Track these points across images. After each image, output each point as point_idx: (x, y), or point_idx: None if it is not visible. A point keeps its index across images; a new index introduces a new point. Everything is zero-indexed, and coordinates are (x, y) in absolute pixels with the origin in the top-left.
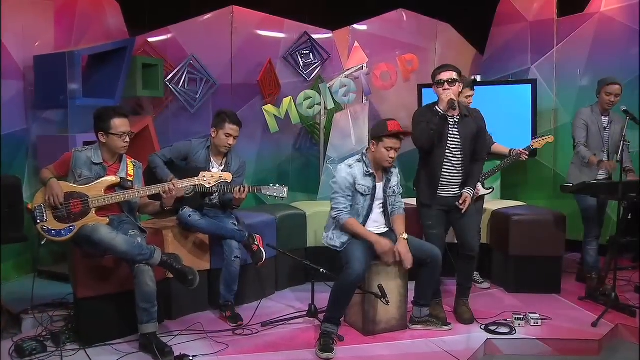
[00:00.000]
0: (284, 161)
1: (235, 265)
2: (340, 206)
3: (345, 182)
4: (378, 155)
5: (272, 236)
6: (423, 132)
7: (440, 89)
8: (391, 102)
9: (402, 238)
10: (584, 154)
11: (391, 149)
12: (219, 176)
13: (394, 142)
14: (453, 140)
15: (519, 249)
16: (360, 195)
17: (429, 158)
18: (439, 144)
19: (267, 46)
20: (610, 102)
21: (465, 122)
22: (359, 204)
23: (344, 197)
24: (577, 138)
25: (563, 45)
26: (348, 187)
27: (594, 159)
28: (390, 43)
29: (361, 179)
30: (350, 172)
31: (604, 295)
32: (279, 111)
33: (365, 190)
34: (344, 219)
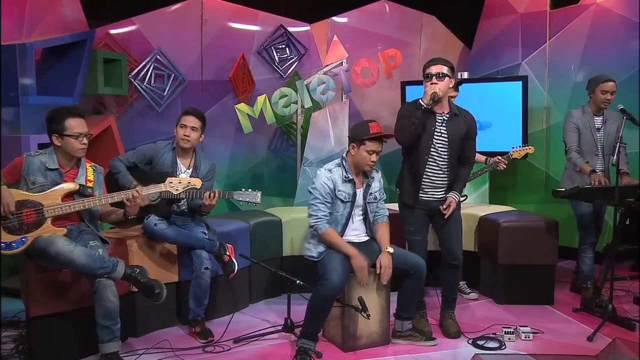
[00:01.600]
0: (259, 164)
1: (205, 277)
2: (319, 214)
3: (325, 188)
4: (358, 159)
5: (246, 245)
6: (405, 127)
7: (428, 83)
8: (373, 101)
9: (386, 252)
10: (575, 161)
11: (373, 153)
12: (187, 182)
13: (376, 145)
14: (440, 139)
15: (508, 257)
16: (340, 202)
17: (413, 154)
18: (424, 141)
19: (240, 40)
20: (606, 101)
21: (455, 121)
22: (338, 212)
23: (323, 204)
24: (568, 143)
25: (556, 39)
26: (328, 193)
27: (587, 167)
28: (372, 37)
29: (341, 184)
30: (330, 177)
31: (600, 306)
32: (253, 110)
33: (346, 197)
34: (323, 229)
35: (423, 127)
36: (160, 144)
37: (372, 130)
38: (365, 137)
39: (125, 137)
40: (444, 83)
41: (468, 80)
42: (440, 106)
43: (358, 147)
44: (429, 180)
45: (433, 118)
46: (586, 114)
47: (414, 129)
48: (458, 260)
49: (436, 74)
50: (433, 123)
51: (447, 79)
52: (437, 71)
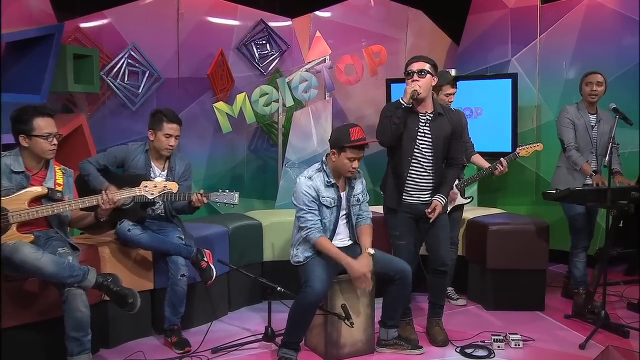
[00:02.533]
0: (238, 165)
1: (181, 285)
2: (308, 223)
3: (307, 196)
4: (339, 165)
5: (224, 250)
6: (386, 127)
7: (409, 81)
8: (357, 99)
9: (366, 253)
10: (575, 160)
11: (354, 159)
12: (163, 186)
13: (357, 153)
14: (423, 139)
15: (497, 262)
16: (326, 208)
17: (396, 156)
18: (406, 142)
19: (218, 35)
20: (593, 93)
21: (440, 121)
22: (325, 218)
23: (309, 213)
24: (566, 140)
25: (547, 35)
26: (312, 201)
27: (588, 168)
28: (356, 32)
29: (324, 190)
30: (311, 185)
31: (592, 313)
32: (232, 109)
33: (331, 202)
34: (315, 238)
35: (405, 127)
36: (132, 145)
37: (353, 136)
38: (346, 144)
39: (97, 137)
40: (426, 81)
41: (455, 77)
42: (423, 106)
43: (339, 154)
44: (413, 182)
45: (416, 118)
46: (581, 111)
47: (395, 129)
48: (445, 266)
49: (417, 71)
50: (416, 123)
51: (429, 77)
52: (418, 68)
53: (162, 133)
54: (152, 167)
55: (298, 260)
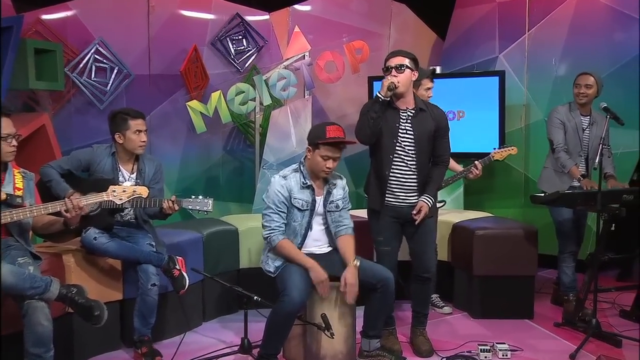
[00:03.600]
0: (213, 166)
1: (152, 294)
2: (272, 224)
3: (278, 196)
4: (313, 164)
5: (198, 258)
6: (364, 123)
7: (388, 76)
8: (338, 97)
9: (352, 265)
10: (564, 162)
11: (328, 159)
12: (133, 190)
13: (332, 151)
14: (405, 136)
15: (484, 268)
16: (297, 210)
17: (377, 154)
18: (387, 139)
19: (191, 30)
20: (581, 95)
21: (421, 117)
22: (296, 221)
23: (277, 214)
24: (555, 141)
25: (536, 30)
26: (282, 202)
27: (577, 172)
28: (337, 27)
29: (298, 191)
30: (284, 185)
31: (583, 321)
32: (207, 108)
33: (303, 204)
34: (277, 240)
35: (385, 124)
36: (97, 148)
37: (328, 134)
38: (320, 141)
39: (62, 138)
40: (405, 76)
41: (441, 75)
42: (403, 102)
43: (313, 151)
44: (397, 182)
45: (396, 114)
46: (572, 112)
47: (373, 124)
48: (430, 272)
49: (396, 67)
50: (397, 119)
51: (408, 72)
52: (397, 63)
53: (132, 131)
54: (120, 170)
55: (268, 269)
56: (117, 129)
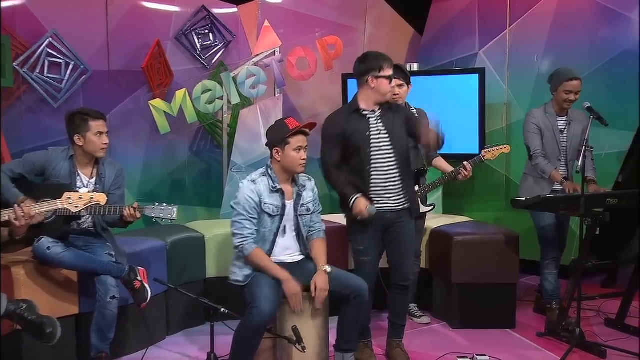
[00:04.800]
0: (179, 169)
1: (111, 308)
2: (244, 232)
3: (249, 202)
4: (288, 162)
5: (162, 267)
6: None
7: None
8: (310, 95)
9: (322, 270)
10: (543, 168)
11: (301, 149)
12: (90, 198)
13: (302, 140)
14: (379, 137)
15: (463, 276)
16: (268, 216)
17: (354, 169)
18: (362, 150)
19: (154, 23)
20: (569, 102)
21: (390, 114)
22: (265, 227)
23: (248, 221)
24: (532, 147)
25: (517, 26)
26: (253, 208)
27: (558, 175)
28: (309, 21)
29: (267, 196)
30: (254, 189)
31: (567, 330)
32: (171, 107)
33: (274, 210)
34: (250, 249)
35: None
36: (53, 151)
37: (291, 126)
38: (287, 134)
39: (11, 139)
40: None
41: (418, 72)
42: (368, 104)
43: (283, 149)
44: (378, 188)
45: (364, 121)
46: (548, 114)
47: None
48: (408, 281)
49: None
50: (366, 126)
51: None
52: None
53: (92, 133)
54: (78, 175)
55: (236, 279)
56: (76, 130)
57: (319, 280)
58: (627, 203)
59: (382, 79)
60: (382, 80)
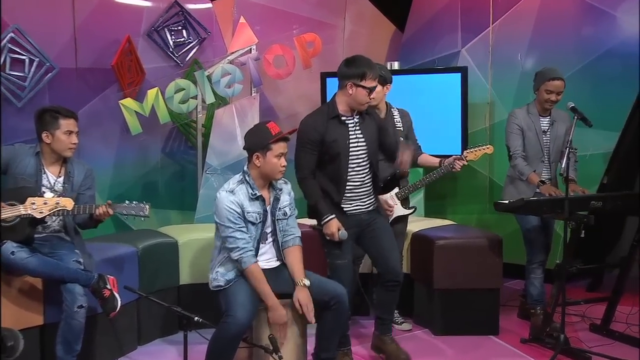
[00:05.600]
0: (151, 171)
1: (78, 318)
2: (239, 243)
3: (232, 213)
4: (269, 168)
5: (133, 274)
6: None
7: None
8: (288, 94)
9: (302, 286)
10: (521, 169)
11: (282, 155)
12: (55, 203)
13: (284, 147)
14: (357, 145)
15: (445, 281)
16: (252, 224)
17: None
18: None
19: (124, 18)
20: (550, 102)
21: (367, 121)
22: (249, 236)
23: (238, 231)
24: (512, 148)
25: (501, 23)
26: (238, 218)
27: (535, 178)
28: (287, 18)
29: (249, 205)
30: (234, 200)
31: (551, 336)
32: (142, 107)
33: (256, 217)
34: (249, 263)
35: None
36: (19, 147)
37: (273, 131)
38: (270, 140)
39: None
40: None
41: (398, 71)
42: (346, 109)
43: (264, 155)
44: (352, 194)
45: (344, 128)
46: (531, 115)
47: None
48: (400, 276)
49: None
50: (346, 134)
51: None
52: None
53: (62, 131)
54: (45, 173)
55: (218, 284)
56: (45, 127)
57: (301, 296)
58: (612, 206)
59: (362, 89)
60: (361, 90)
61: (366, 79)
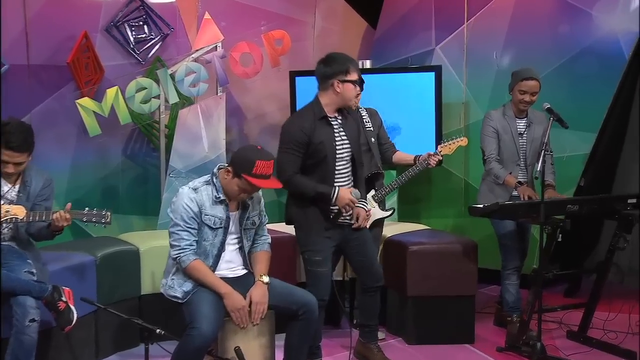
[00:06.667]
0: (111, 174)
1: (30, 333)
2: (182, 243)
3: (187, 211)
4: (228, 187)
5: (91, 285)
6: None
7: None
8: (256, 94)
9: (260, 281)
10: (497, 172)
11: (244, 192)
12: (5, 211)
13: (252, 188)
14: (342, 146)
15: (419, 288)
16: (209, 228)
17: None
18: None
19: (80, 12)
20: (525, 103)
21: (350, 120)
22: (207, 240)
23: (186, 232)
24: (486, 151)
25: (476, 20)
26: (192, 218)
27: (512, 180)
28: (254, 14)
29: (209, 207)
30: (194, 198)
31: (527, 344)
32: (101, 107)
33: (215, 222)
34: (188, 261)
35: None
36: None
37: (255, 169)
38: (244, 174)
39: None
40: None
41: (370, 70)
42: (332, 109)
43: (232, 176)
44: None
45: (329, 129)
46: (507, 116)
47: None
48: (382, 280)
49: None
50: (332, 136)
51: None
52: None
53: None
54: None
55: (174, 294)
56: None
57: (255, 292)
58: (589, 209)
59: (349, 84)
60: (348, 85)
61: (350, 73)
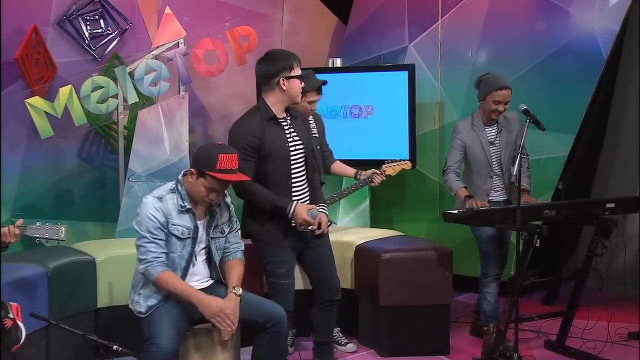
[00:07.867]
0: (65, 178)
1: None
2: (149, 256)
3: (153, 221)
4: (194, 191)
5: (42, 298)
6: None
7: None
8: (221, 93)
9: (233, 293)
10: (450, 184)
11: (213, 191)
12: None
13: (219, 185)
14: (295, 147)
15: (392, 297)
16: (177, 239)
17: (273, 179)
18: (281, 163)
19: (29, 4)
20: (498, 112)
21: (299, 122)
22: (175, 252)
23: (153, 243)
24: (447, 162)
25: (450, 17)
26: (159, 229)
27: (462, 193)
28: (218, 8)
29: (176, 216)
30: (160, 208)
31: (504, 355)
32: (54, 106)
33: (183, 232)
34: (156, 273)
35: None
36: None
37: (219, 165)
38: (208, 171)
39: None
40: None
41: (340, 69)
42: (280, 109)
43: (197, 177)
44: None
45: (281, 130)
46: (475, 127)
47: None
48: (339, 293)
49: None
50: (284, 137)
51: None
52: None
53: None
54: None
55: (139, 310)
56: None
57: (226, 305)
58: (566, 214)
59: (295, 79)
60: (294, 81)
61: (295, 68)
